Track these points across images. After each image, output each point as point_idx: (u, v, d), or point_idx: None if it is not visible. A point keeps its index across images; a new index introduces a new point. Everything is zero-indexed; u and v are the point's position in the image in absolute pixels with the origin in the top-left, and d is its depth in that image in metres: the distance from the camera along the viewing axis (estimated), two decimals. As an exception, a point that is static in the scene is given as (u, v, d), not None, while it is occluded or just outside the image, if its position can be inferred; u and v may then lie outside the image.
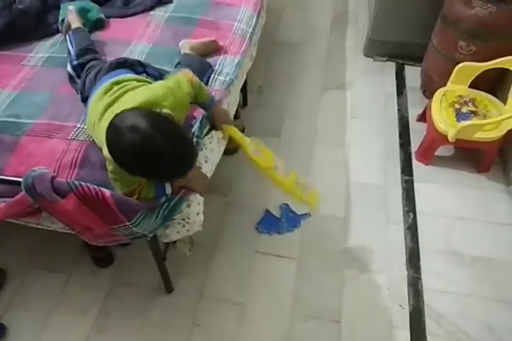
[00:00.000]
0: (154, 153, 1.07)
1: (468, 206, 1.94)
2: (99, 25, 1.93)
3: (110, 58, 1.74)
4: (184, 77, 1.38)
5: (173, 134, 1.11)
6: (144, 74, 1.51)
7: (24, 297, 1.68)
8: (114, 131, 1.10)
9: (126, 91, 1.31)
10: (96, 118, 1.29)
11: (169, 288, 1.67)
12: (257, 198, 1.98)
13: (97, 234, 1.37)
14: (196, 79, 1.42)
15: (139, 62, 1.53)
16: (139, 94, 1.28)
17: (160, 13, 2.03)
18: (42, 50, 1.83)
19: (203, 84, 1.46)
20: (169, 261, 1.58)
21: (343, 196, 1.99)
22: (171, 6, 2.07)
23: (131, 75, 1.43)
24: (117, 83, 1.36)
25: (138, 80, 1.40)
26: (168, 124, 1.13)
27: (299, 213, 1.91)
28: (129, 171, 1.14)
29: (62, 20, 1.87)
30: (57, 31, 1.91)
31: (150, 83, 1.42)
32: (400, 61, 2.65)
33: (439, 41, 2.20)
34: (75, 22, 1.81)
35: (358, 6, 3.10)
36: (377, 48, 2.66)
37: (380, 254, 1.79)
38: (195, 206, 1.37)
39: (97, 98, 1.34)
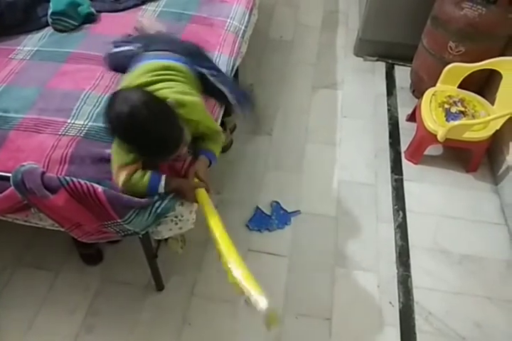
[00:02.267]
0: (137, 127, 1.13)
1: (457, 205, 1.97)
2: (89, 19, 1.90)
3: (101, 53, 1.72)
4: (201, 104, 1.39)
5: (162, 115, 1.16)
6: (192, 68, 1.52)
7: (11, 294, 1.65)
8: (113, 97, 1.16)
9: (163, 80, 1.32)
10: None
11: (160, 286, 1.66)
12: (249, 196, 1.98)
13: (87, 231, 1.35)
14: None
15: (207, 58, 1.59)
16: (171, 90, 1.29)
17: (151, 8, 2.01)
18: (30, 44, 1.79)
19: None
20: (160, 259, 1.56)
21: (334, 194, 1.99)
22: (162, 1, 2.05)
23: (182, 66, 1.44)
24: (168, 69, 1.38)
25: (185, 76, 1.41)
26: (163, 107, 1.17)
27: (289, 210, 1.91)
28: (114, 136, 1.21)
29: (52, 13, 1.84)
30: (47, 24, 1.87)
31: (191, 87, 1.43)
32: (390, 61, 2.67)
33: (429, 41, 2.22)
34: None
35: (348, 5, 3.12)
36: (368, 48, 2.68)
37: (371, 252, 1.80)
38: (189, 204, 1.36)
39: (143, 70, 1.36)
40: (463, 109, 2.01)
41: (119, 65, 1.58)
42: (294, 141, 2.22)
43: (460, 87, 2.10)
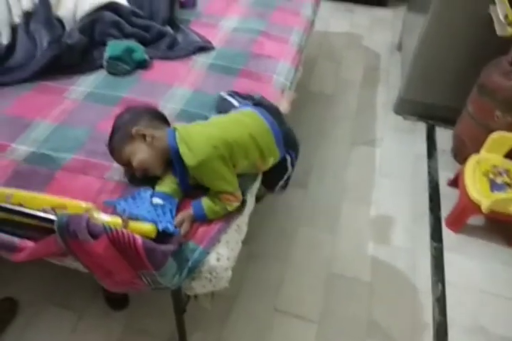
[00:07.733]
0: None
1: (498, 281, 1.87)
2: (143, 65, 1.96)
3: (151, 99, 1.76)
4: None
5: None
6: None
7: (34, 333, 1.60)
8: None
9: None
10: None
11: (183, 341, 1.59)
12: (277, 250, 1.93)
13: (117, 281, 1.32)
14: None
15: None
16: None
17: (202, 59, 2.06)
18: (84, 84, 1.85)
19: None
20: (186, 312, 1.50)
21: (369, 258, 1.93)
22: (212, 54, 2.11)
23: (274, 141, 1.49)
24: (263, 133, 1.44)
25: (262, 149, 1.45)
26: None
27: None
28: None
29: (109, 57, 1.91)
30: (101, 67, 1.94)
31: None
32: (431, 122, 2.66)
33: (474, 108, 2.20)
34: None
35: (389, 63, 3.16)
36: (408, 107, 2.68)
37: (406, 325, 1.70)
38: (224, 261, 1.33)
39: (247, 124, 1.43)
40: (509, 180, 1.96)
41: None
42: (328, 197, 2.19)
43: (506, 156, 2.06)
